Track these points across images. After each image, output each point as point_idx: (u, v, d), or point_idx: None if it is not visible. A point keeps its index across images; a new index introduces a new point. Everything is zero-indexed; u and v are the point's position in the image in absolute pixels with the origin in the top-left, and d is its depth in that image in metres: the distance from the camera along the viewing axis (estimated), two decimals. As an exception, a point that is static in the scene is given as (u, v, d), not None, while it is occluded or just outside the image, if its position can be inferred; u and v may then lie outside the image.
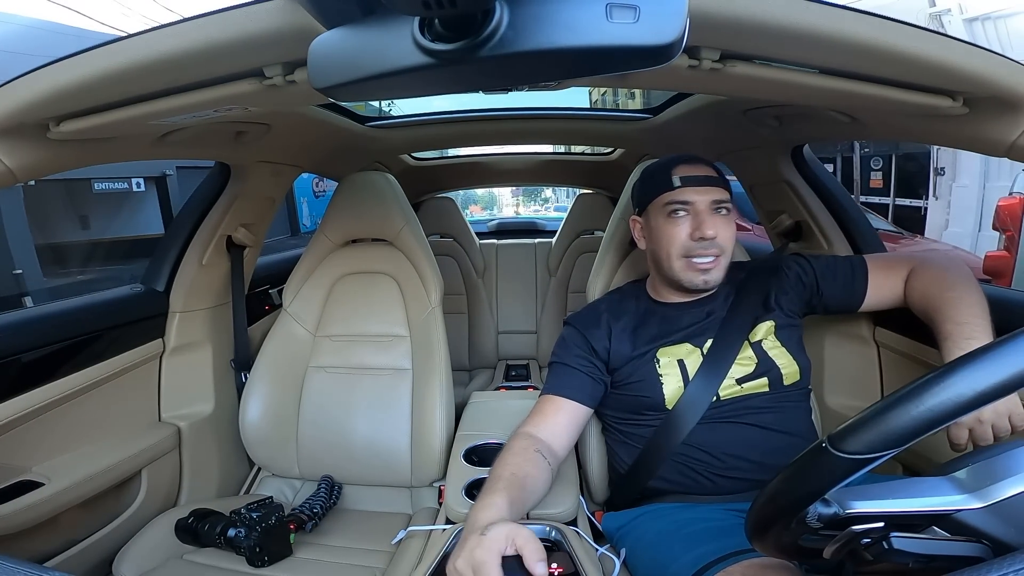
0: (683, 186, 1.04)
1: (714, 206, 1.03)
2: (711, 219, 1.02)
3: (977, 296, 0.95)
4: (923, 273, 1.05)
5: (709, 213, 1.03)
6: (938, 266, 1.04)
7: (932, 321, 0.97)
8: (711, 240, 1.01)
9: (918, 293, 1.03)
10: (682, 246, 1.04)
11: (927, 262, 1.07)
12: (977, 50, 0.67)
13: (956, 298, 0.95)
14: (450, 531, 0.97)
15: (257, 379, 1.40)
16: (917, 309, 1.03)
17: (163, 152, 1.10)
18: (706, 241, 1.01)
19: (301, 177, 1.78)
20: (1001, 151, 0.78)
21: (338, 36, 0.47)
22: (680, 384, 1.02)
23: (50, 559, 1.07)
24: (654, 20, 0.40)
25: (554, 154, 2.78)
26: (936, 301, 0.98)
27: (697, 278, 1.04)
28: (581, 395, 1.05)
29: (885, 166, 8.84)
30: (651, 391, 1.03)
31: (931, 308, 0.98)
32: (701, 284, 1.04)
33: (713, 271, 1.04)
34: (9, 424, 1.02)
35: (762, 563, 0.74)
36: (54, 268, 7.82)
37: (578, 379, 1.06)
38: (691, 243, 1.03)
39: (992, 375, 0.43)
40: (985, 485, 0.47)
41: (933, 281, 1.02)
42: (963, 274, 1.01)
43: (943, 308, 0.95)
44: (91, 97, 0.75)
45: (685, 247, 1.04)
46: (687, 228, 1.03)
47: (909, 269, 1.07)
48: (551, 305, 2.58)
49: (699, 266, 1.03)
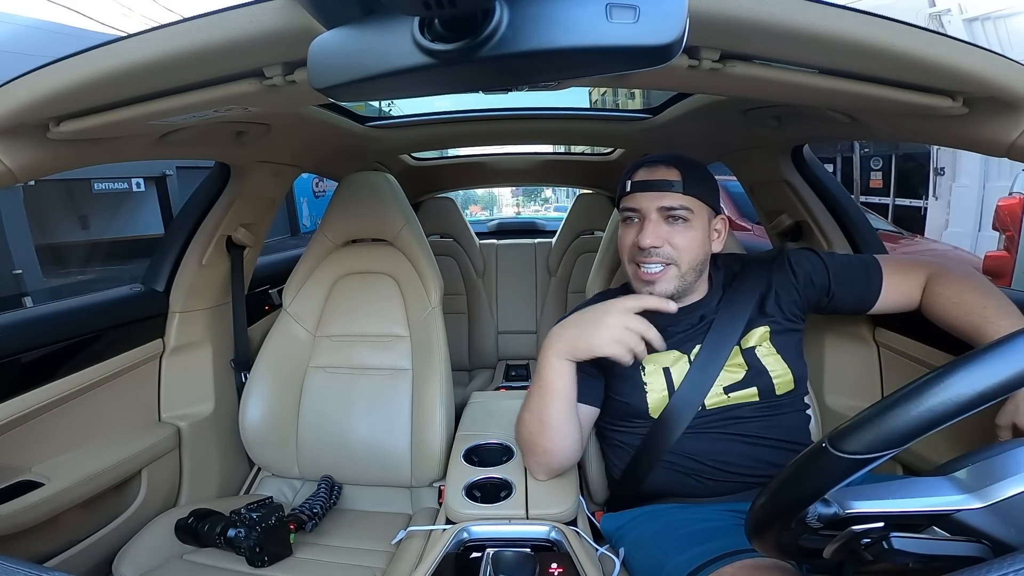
0: (633, 191, 1.02)
1: (664, 213, 0.99)
2: (656, 227, 0.98)
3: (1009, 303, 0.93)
4: (950, 281, 1.00)
5: (656, 221, 0.99)
6: (964, 274, 1.00)
7: (975, 328, 0.92)
8: (653, 249, 0.98)
9: (948, 301, 0.98)
10: (629, 252, 1.03)
11: (948, 269, 1.03)
12: (977, 50, 0.67)
13: (1001, 306, 0.92)
14: (450, 531, 0.97)
15: (257, 379, 1.40)
16: (944, 316, 0.99)
17: (163, 152, 1.10)
18: (645, 250, 0.99)
19: (301, 177, 1.78)
20: (1001, 151, 0.78)
21: (338, 36, 0.47)
22: (664, 393, 1.01)
23: (50, 559, 1.07)
24: (654, 20, 0.40)
25: (554, 154, 2.78)
26: (982, 311, 0.93)
27: (643, 288, 1.01)
28: (585, 396, 1.03)
29: (885, 166, 8.83)
30: (635, 399, 1.02)
31: (975, 317, 0.93)
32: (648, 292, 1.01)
33: (659, 283, 0.99)
34: (9, 424, 1.02)
35: (755, 564, 0.74)
36: (54, 268, 7.81)
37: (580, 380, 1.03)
38: (636, 250, 1.00)
39: (992, 375, 0.43)
40: (985, 485, 0.47)
41: (967, 289, 0.97)
42: (988, 282, 0.98)
43: (992, 317, 0.91)
44: (91, 97, 0.75)
45: (631, 253, 1.02)
46: (633, 235, 1.01)
47: (927, 275, 1.03)
48: (551, 305, 2.58)
49: (643, 276, 1.00)
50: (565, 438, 0.99)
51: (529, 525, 0.97)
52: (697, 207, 1.00)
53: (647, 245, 0.98)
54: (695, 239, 1.00)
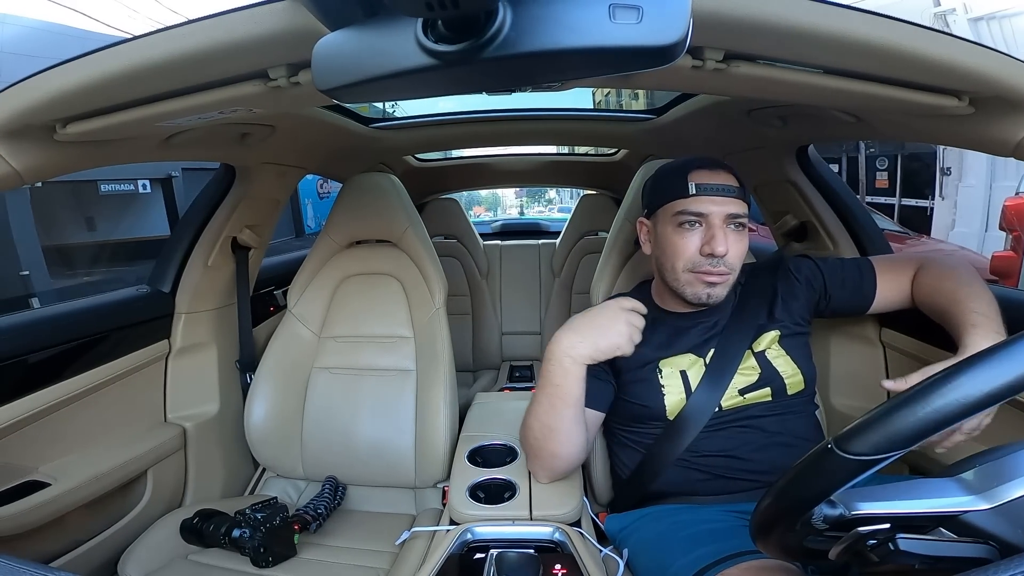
0: (698, 195, 0.96)
1: (729, 220, 0.96)
2: (724, 235, 0.95)
3: (991, 296, 0.93)
4: (933, 270, 1.02)
5: (723, 228, 0.96)
6: (947, 263, 1.02)
7: (949, 314, 0.92)
8: (721, 258, 0.96)
9: (929, 288, 1.00)
10: (689, 260, 0.98)
11: (934, 260, 1.05)
12: (982, 49, 0.67)
13: (976, 292, 0.92)
14: (454, 532, 0.97)
15: (262, 380, 1.40)
16: (928, 304, 1.00)
17: (169, 154, 1.10)
18: (716, 258, 0.95)
19: (306, 179, 1.79)
20: (1007, 151, 0.78)
21: (341, 38, 0.47)
22: (682, 396, 1.01)
23: (56, 559, 1.08)
24: (657, 20, 0.40)
25: (558, 155, 2.78)
26: (955, 294, 0.93)
27: (702, 291, 0.99)
28: (594, 401, 1.03)
29: (891, 166, 8.80)
30: (652, 401, 1.02)
31: (949, 301, 0.93)
32: (705, 299, 0.99)
33: (719, 287, 0.98)
34: (16, 424, 1.03)
35: (760, 565, 0.73)
36: (60, 269, 7.87)
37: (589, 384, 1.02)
38: (700, 258, 0.97)
39: (999, 376, 0.43)
40: (992, 486, 0.47)
41: (947, 276, 0.98)
42: (974, 272, 0.99)
43: (965, 300, 0.91)
44: (97, 99, 0.75)
45: (692, 262, 0.98)
46: (697, 241, 0.97)
47: (916, 268, 1.05)
48: (555, 306, 2.57)
49: (705, 280, 0.98)
50: (573, 443, 0.99)
51: (533, 526, 0.97)
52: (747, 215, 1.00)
53: (722, 253, 0.95)
54: (746, 248, 1.01)
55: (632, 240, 1.28)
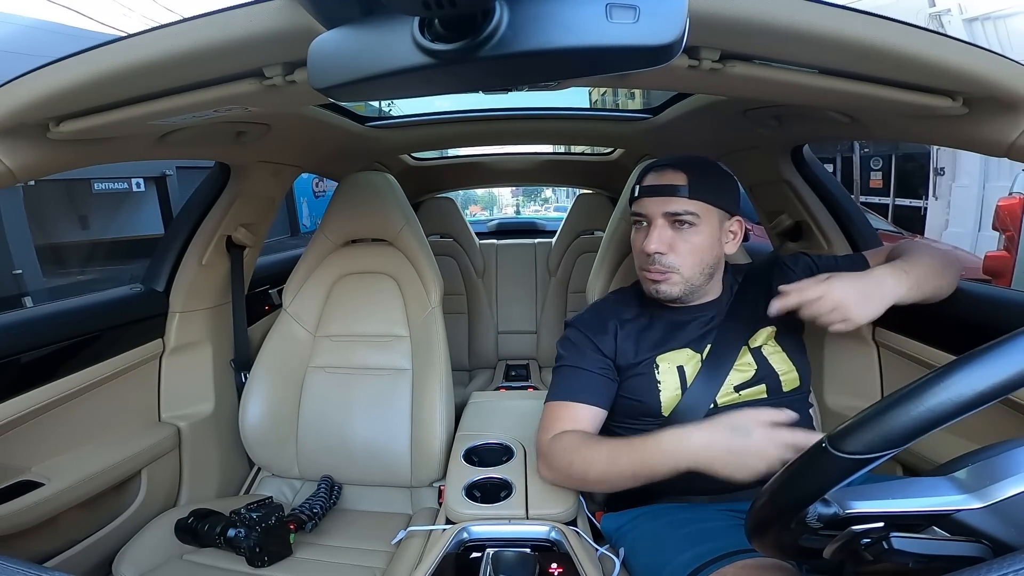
0: (640, 196, 1.03)
1: (670, 218, 1.00)
2: (661, 232, 1.00)
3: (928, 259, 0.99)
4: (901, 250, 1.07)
5: (662, 226, 1.00)
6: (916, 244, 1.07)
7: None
8: (657, 256, 1.00)
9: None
10: (639, 259, 1.05)
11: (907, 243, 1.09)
12: (976, 50, 0.67)
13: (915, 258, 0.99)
14: (450, 531, 0.97)
15: (257, 379, 1.40)
16: None
17: (163, 152, 1.10)
18: (650, 256, 1.00)
19: (301, 177, 1.78)
20: (1001, 151, 0.78)
21: (338, 36, 0.47)
22: (678, 391, 1.01)
23: (50, 559, 1.07)
24: (654, 20, 0.40)
25: (554, 154, 2.78)
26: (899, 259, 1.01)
27: (651, 288, 1.04)
28: (598, 398, 1.03)
29: (885, 166, 8.84)
30: (648, 397, 1.02)
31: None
32: (655, 294, 1.04)
33: (662, 284, 1.02)
34: (9, 424, 1.02)
35: (755, 564, 0.74)
36: (54, 268, 7.82)
37: (592, 381, 1.03)
38: (644, 257, 1.02)
39: (992, 375, 0.43)
40: (985, 485, 0.47)
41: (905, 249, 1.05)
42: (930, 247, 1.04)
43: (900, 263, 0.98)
44: (91, 97, 0.75)
45: (640, 260, 1.05)
46: (641, 239, 1.02)
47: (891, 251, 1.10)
48: (551, 305, 2.58)
49: (647, 277, 1.04)
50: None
51: (529, 525, 0.97)
52: (704, 211, 1.01)
53: (651, 251, 1.00)
54: (700, 244, 1.01)
55: (628, 239, 1.29)
